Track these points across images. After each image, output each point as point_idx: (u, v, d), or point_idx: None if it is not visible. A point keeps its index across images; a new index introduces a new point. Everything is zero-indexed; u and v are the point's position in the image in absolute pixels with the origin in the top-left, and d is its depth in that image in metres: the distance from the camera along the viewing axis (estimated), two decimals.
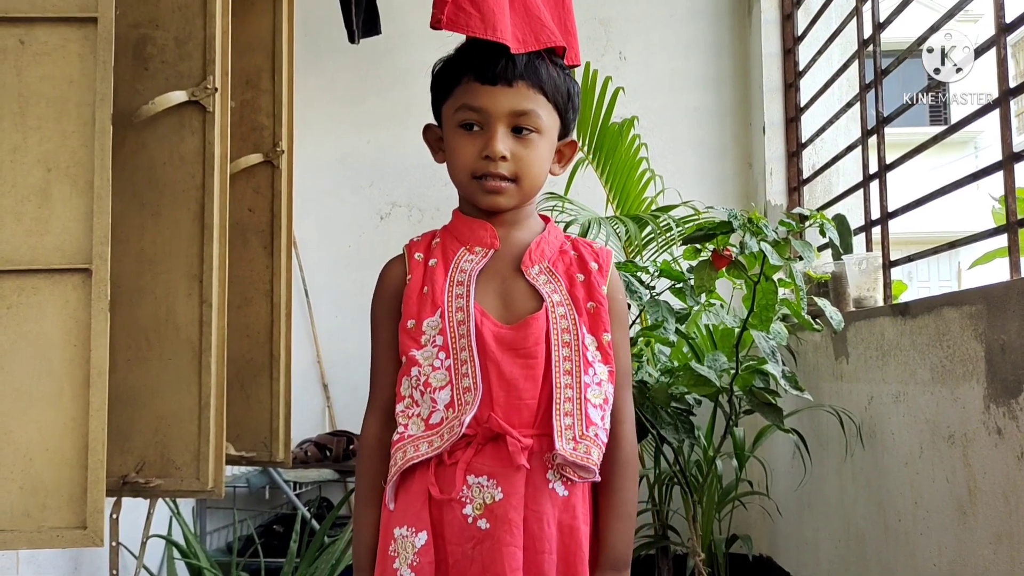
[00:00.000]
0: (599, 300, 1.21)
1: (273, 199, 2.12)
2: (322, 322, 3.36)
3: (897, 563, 1.96)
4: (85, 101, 1.35)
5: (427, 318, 1.18)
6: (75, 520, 1.28)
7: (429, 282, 1.21)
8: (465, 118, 1.17)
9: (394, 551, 1.16)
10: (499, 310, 1.19)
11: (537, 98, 1.17)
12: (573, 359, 1.16)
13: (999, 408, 1.54)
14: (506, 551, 1.11)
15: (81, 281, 1.31)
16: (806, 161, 3.03)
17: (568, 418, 1.14)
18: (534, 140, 1.17)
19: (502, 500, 1.12)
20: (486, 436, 1.14)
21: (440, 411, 1.15)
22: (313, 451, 2.98)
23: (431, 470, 1.15)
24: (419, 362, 1.17)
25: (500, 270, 1.21)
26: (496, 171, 1.16)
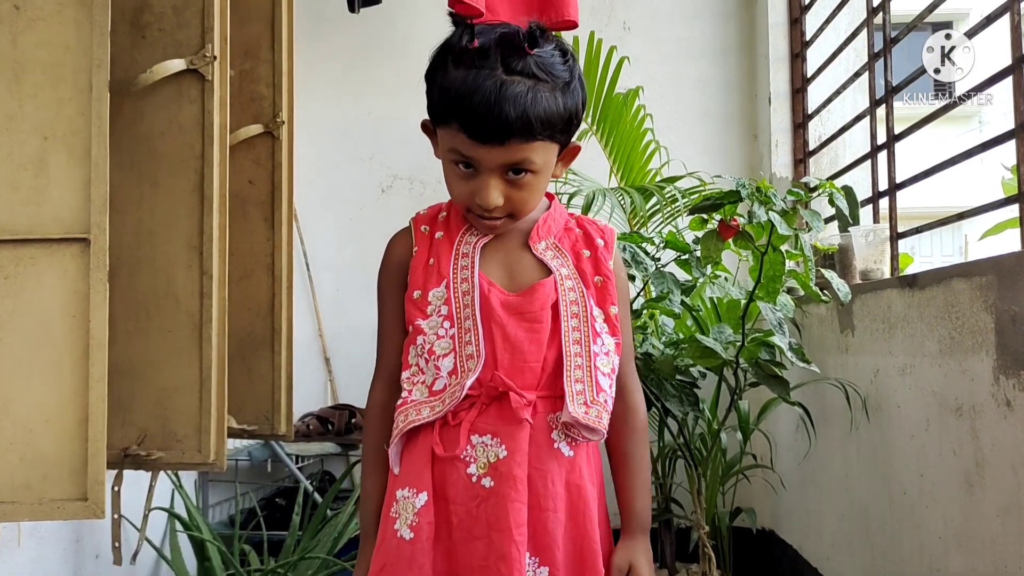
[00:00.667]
0: (606, 274, 1.23)
1: (273, 171, 2.10)
2: (323, 295, 3.35)
3: (902, 536, 1.96)
4: (82, 68, 1.32)
5: (432, 288, 1.20)
6: (76, 492, 1.27)
7: (435, 254, 1.22)
8: (456, 159, 1.16)
9: (395, 512, 1.18)
10: (505, 281, 1.20)
11: (532, 147, 1.13)
12: (582, 329, 1.18)
13: (1008, 380, 1.52)
14: (511, 507, 1.12)
15: (79, 251, 1.29)
16: (812, 132, 3.00)
17: (579, 384, 1.16)
18: (529, 180, 1.16)
19: (506, 457, 1.14)
20: (490, 396, 1.16)
21: (443, 378, 1.17)
22: (315, 425, 2.98)
23: (435, 431, 1.17)
24: (424, 331, 1.18)
25: (506, 245, 1.23)
26: (491, 214, 1.17)
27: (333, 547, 2.43)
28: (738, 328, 1.93)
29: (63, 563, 2.11)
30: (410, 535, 1.15)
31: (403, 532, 1.15)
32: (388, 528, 1.18)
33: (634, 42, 3.26)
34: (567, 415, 1.15)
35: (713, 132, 3.29)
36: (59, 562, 2.09)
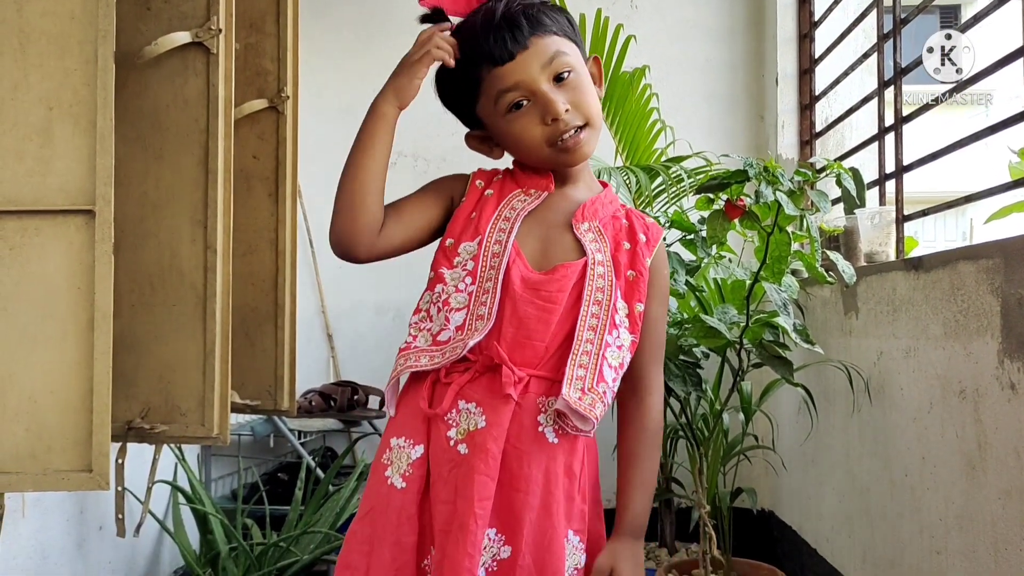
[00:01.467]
0: (640, 271, 1.22)
1: (278, 146, 2.09)
2: (327, 272, 3.35)
3: (902, 518, 1.96)
4: (87, 38, 1.31)
5: (465, 241, 1.21)
6: (80, 463, 1.27)
7: (479, 209, 1.23)
8: (509, 101, 1.18)
9: (387, 459, 1.19)
10: (535, 256, 1.20)
11: (553, 40, 1.18)
12: (600, 317, 1.17)
13: (1013, 363, 1.52)
14: (478, 479, 1.12)
15: (84, 223, 1.29)
16: (819, 114, 2.98)
17: (581, 369, 1.14)
18: (575, 78, 1.19)
19: (483, 429, 1.14)
20: (485, 365, 1.16)
21: (449, 331, 1.17)
22: (318, 401, 2.99)
23: (427, 385, 1.18)
24: (445, 280, 1.19)
25: (549, 220, 1.23)
26: (568, 126, 1.17)
27: (335, 522, 2.44)
28: (742, 308, 1.93)
29: (66, 534, 2.12)
30: (402, 484, 1.16)
31: (395, 480, 1.16)
32: (379, 474, 1.19)
33: (641, 21, 3.24)
34: (560, 399, 1.13)
35: (719, 112, 3.27)
36: (63, 533, 2.10)
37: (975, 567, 1.65)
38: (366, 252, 1.24)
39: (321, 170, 3.32)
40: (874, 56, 2.42)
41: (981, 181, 2.04)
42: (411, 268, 3.35)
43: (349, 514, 2.50)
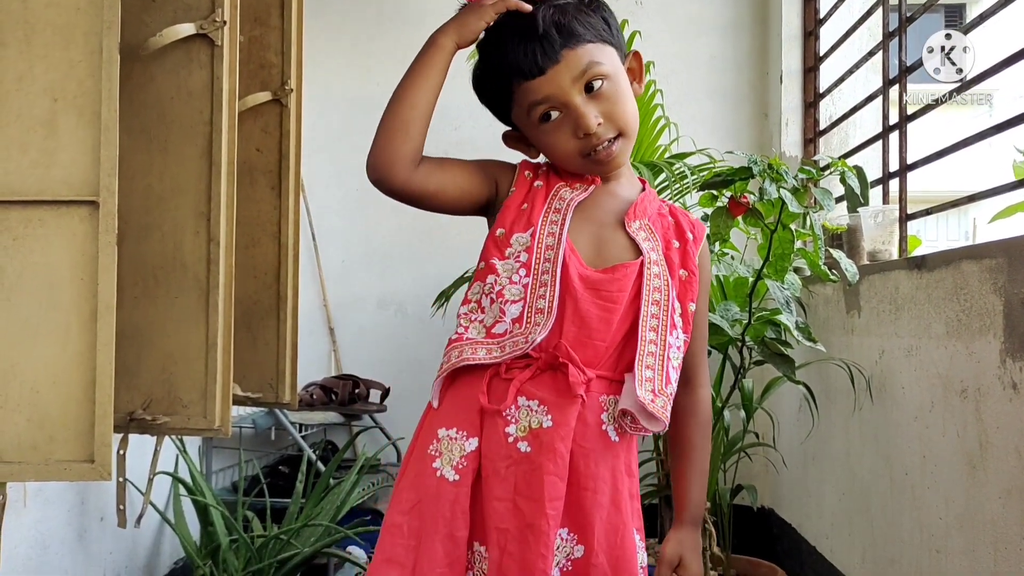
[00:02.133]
0: (692, 270, 1.22)
1: (281, 139, 2.09)
2: (329, 266, 3.35)
3: (902, 516, 1.96)
4: (92, 29, 1.31)
5: (518, 232, 1.18)
6: (83, 453, 1.27)
7: (530, 200, 1.21)
8: (541, 113, 1.17)
9: (435, 451, 1.15)
10: (590, 254, 1.18)
11: (586, 50, 1.16)
12: (660, 318, 1.16)
13: (1015, 363, 1.52)
14: (547, 479, 1.10)
15: (88, 214, 1.29)
16: (823, 112, 2.98)
17: (649, 371, 1.14)
18: (609, 87, 1.17)
19: (550, 428, 1.12)
20: (547, 363, 1.14)
21: (505, 323, 1.15)
22: (319, 394, 2.99)
23: (485, 380, 1.15)
24: (498, 271, 1.17)
25: (599, 217, 1.22)
26: (600, 140, 1.17)
27: (336, 515, 2.44)
28: (745, 306, 1.93)
29: (68, 524, 2.12)
30: (455, 476, 1.13)
31: (446, 472, 1.13)
32: (425, 465, 1.15)
33: (646, 17, 3.23)
34: (631, 399, 1.12)
35: (723, 110, 3.27)
36: (64, 524, 2.11)
37: (975, 566, 1.65)
38: (402, 181, 1.21)
39: (324, 163, 3.34)
40: (879, 54, 2.42)
41: (985, 180, 2.04)
42: (413, 263, 3.37)
43: (349, 507, 2.51)
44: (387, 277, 3.36)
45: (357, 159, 3.74)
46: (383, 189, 1.21)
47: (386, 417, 3.23)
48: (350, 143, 3.43)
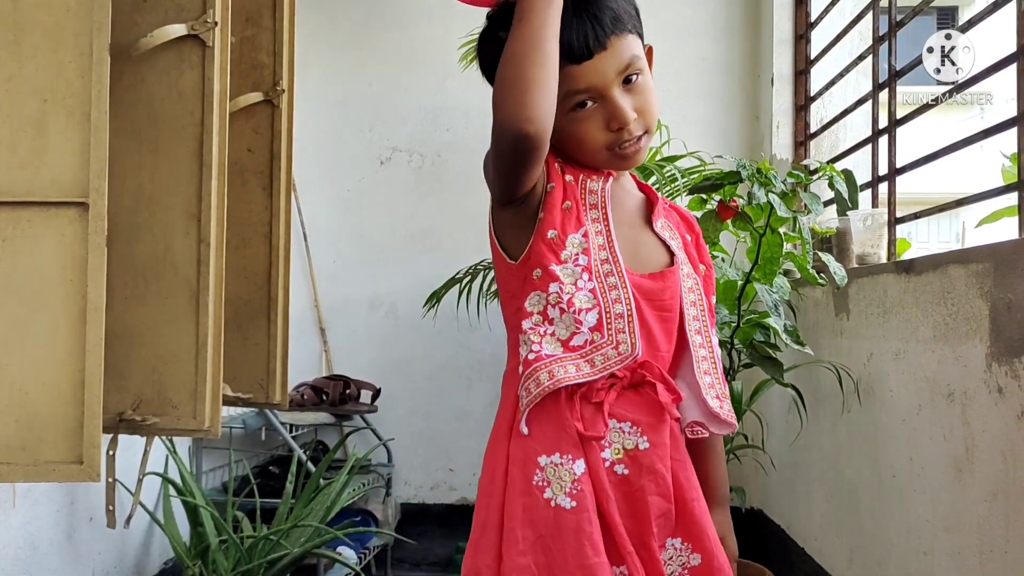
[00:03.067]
0: (708, 263, 1.21)
1: (273, 139, 2.08)
2: (320, 266, 3.35)
3: (890, 518, 1.97)
4: (82, 30, 1.31)
5: (571, 233, 1.11)
6: (71, 454, 1.27)
7: (571, 196, 1.13)
8: (575, 103, 1.12)
9: (542, 480, 1.07)
10: (629, 259, 1.13)
11: (629, 41, 1.12)
12: (701, 319, 1.15)
13: (1001, 367, 1.53)
14: (651, 500, 1.08)
15: (78, 215, 1.29)
16: (814, 115, 2.99)
17: (708, 376, 1.13)
18: (643, 84, 1.13)
19: (648, 450, 1.08)
20: (632, 381, 1.10)
21: (584, 333, 1.08)
22: (310, 394, 2.99)
23: (576, 405, 1.08)
24: (560, 278, 1.08)
25: (627, 219, 1.17)
26: (631, 135, 1.12)
27: (326, 516, 2.45)
28: (734, 309, 1.93)
29: (56, 525, 2.12)
30: (571, 504, 1.06)
31: (560, 500, 1.06)
32: (535, 498, 1.07)
33: None
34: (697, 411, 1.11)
35: (714, 112, 3.28)
36: (53, 524, 2.10)
37: (961, 568, 1.66)
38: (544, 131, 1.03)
39: (315, 164, 3.34)
40: (869, 58, 2.43)
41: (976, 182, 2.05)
42: (405, 264, 3.37)
43: (339, 508, 2.51)
44: (379, 278, 3.37)
45: (349, 159, 3.76)
46: (529, 146, 1.02)
47: (377, 418, 3.24)
48: (342, 143, 3.44)
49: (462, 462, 3.34)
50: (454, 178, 3.36)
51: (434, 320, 3.03)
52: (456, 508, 3.33)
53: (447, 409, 3.35)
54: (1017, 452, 1.48)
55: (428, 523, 3.28)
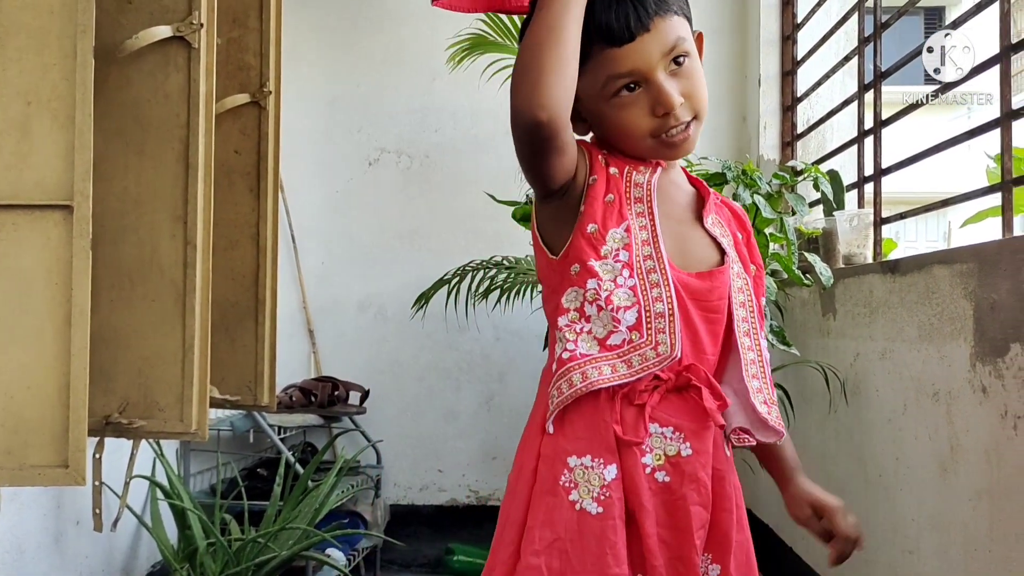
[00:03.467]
0: (758, 264, 1.15)
1: (260, 141, 2.08)
2: (308, 268, 3.34)
3: (877, 517, 1.98)
4: (66, 33, 1.31)
5: (612, 228, 1.06)
6: (57, 458, 1.27)
7: (613, 189, 1.08)
8: (617, 87, 1.06)
9: (568, 481, 1.04)
10: (676, 256, 1.07)
11: (675, 22, 1.06)
12: (749, 320, 1.10)
13: (985, 367, 1.54)
14: (693, 509, 1.03)
15: (62, 218, 1.28)
16: (800, 116, 3.00)
17: (756, 381, 1.08)
18: (691, 67, 1.07)
19: (691, 457, 1.04)
20: (676, 385, 1.05)
21: (622, 332, 1.04)
22: (298, 396, 2.98)
23: (616, 404, 1.04)
24: (599, 275, 1.04)
25: (675, 214, 1.12)
26: (678, 121, 1.06)
27: (314, 518, 2.44)
28: None
29: (43, 529, 2.11)
30: (597, 509, 1.02)
31: (586, 504, 1.02)
32: (560, 499, 1.03)
33: None
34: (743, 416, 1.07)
35: None
36: (39, 528, 2.09)
37: (946, 567, 1.67)
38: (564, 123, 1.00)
39: (303, 165, 3.34)
40: (855, 59, 2.44)
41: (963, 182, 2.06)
42: (394, 265, 3.36)
43: (328, 510, 2.51)
44: (367, 279, 3.36)
45: (337, 161, 3.75)
46: (543, 134, 0.99)
47: (365, 419, 3.23)
48: (330, 144, 3.44)
49: (451, 463, 3.34)
50: (442, 179, 3.36)
51: (423, 321, 3.03)
52: (445, 509, 3.33)
53: (436, 410, 3.35)
54: (1001, 452, 1.49)
55: (417, 524, 3.28)
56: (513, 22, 2.68)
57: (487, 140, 3.33)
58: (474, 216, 3.32)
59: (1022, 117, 1.62)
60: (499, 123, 3.28)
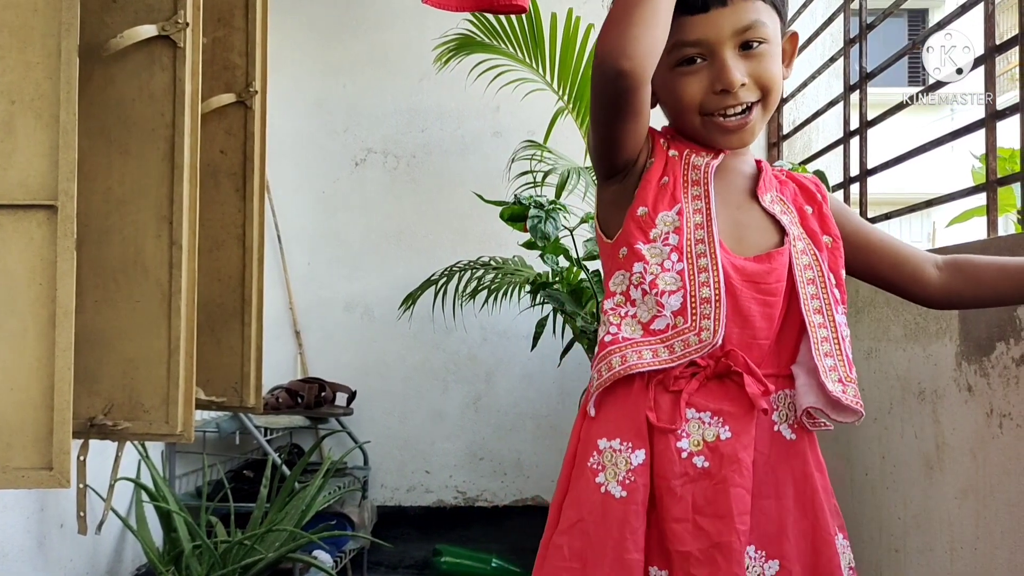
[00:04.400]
0: (835, 235, 1.11)
1: (246, 141, 2.07)
2: (295, 268, 3.33)
3: (862, 516, 1.99)
4: (50, 31, 1.30)
5: (663, 211, 1.04)
6: (40, 460, 1.26)
7: (670, 173, 1.07)
8: (683, 56, 1.05)
9: (597, 463, 1.03)
10: (732, 240, 1.06)
11: (757, 6, 1.04)
12: (821, 297, 1.06)
13: (971, 366, 1.55)
14: (734, 492, 0.99)
15: (46, 218, 1.27)
16: (787, 116, 3.01)
17: (829, 359, 1.03)
18: (765, 52, 1.05)
19: (730, 439, 1.01)
20: (716, 371, 1.02)
21: (666, 317, 1.02)
22: (284, 397, 2.97)
23: (650, 391, 1.03)
24: (645, 258, 1.03)
25: (732, 199, 1.09)
26: (737, 101, 1.04)
27: (300, 520, 2.43)
28: None
29: (26, 532, 2.09)
30: (621, 492, 1.01)
31: (611, 487, 1.01)
32: (587, 480, 1.03)
33: None
34: (814, 396, 1.02)
35: None
36: (23, 531, 2.08)
37: (932, 565, 1.68)
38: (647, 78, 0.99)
39: (289, 166, 3.33)
40: (841, 60, 2.45)
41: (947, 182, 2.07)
42: (380, 266, 3.35)
43: (315, 512, 2.50)
44: (354, 280, 3.35)
45: (323, 161, 3.74)
46: (625, 84, 0.97)
47: (352, 420, 3.22)
48: (316, 145, 3.43)
49: (438, 464, 3.34)
50: (429, 179, 3.36)
51: (410, 322, 3.03)
52: (433, 510, 3.33)
53: (423, 411, 3.34)
54: (987, 450, 1.50)
55: (405, 526, 3.27)
56: (500, 22, 2.68)
57: (474, 140, 3.32)
58: (461, 217, 3.31)
59: (1007, 118, 1.63)
60: (486, 123, 3.30)
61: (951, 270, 1.14)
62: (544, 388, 3.29)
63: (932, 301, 1.18)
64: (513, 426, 3.32)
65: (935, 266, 1.15)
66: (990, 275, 1.13)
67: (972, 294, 1.15)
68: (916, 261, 1.15)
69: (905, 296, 1.18)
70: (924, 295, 1.16)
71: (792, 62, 1.14)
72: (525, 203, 2.31)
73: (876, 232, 1.18)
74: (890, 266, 1.16)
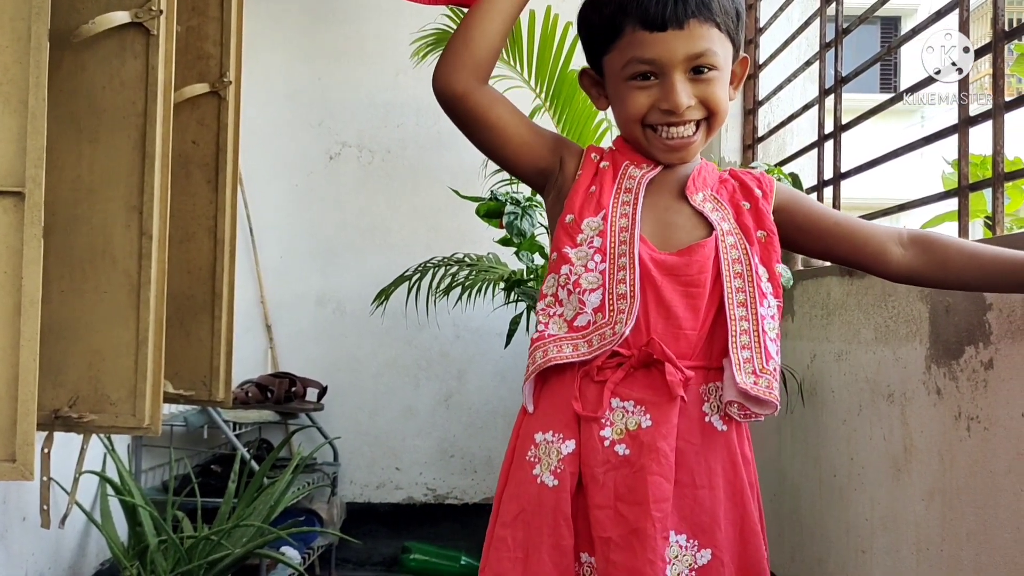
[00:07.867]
0: (769, 229, 1.14)
1: (219, 132, 2.05)
2: (267, 262, 3.30)
3: (830, 517, 2.01)
4: (20, 15, 1.27)
5: (589, 216, 1.11)
6: (3, 452, 1.23)
7: (598, 183, 1.13)
8: (636, 71, 1.09)
9: (533, 456, 1.09)
10: (659, 238, 1.10)
11: (711, 34, 1.08)
12: (747, 290, 1.09)
13: (940, 369, 1.56)
14: (651, 479, 1.03)
15: (13, 205, 1.25)
16: (762, 119, 3.03)
17: (746, 351, 1.06)
18: (714, 77, 1.09)
19: (650, 428, 1.05)
20: (640, 361, 1.07)
21: (587, 314, 1.08)
22: (254, 392, 2.94)
23: (576, 383, 1.08)
24: (571, 260, 1.10)
25: (661, 198, 1.14)
26: (682, 119, 1.09)
27: (269, 516, 2.41)
28: None
29: None
30: (553, 482, 1.06)
31: (545, 478, 1.07)
32: (525, 472, 1.09)
33: None
34: (733, 389, 1.05)
35: None
36: None
37: (898, 566, 1.70)
38: (461, 91, 1.11)
39: (263, 158, 3.29)
40: (816, 64, 2.47)
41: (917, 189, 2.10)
42: (353, 261, 3.33)
43: (283, 507, 2.47)
44: (326, 274, 3.33)
45: (297, 153, 3.71)
46: (443, 100, 1.13)
47: (323, 416, 3.20)
48: (290, 137, 3.40)
49: (408, 461, 3.32)
50: (404, 175, 3.34)
51: (382, 318, 3.01)
52: (402, 507, 3.31)
53: (394, 408, 3.33)
54: (954, 453, 1.52)
55: (373, 523, 3.26)
56: None
57: (450, 136, 3.30)
58: (436, 212, 3.30)
59: (979, 124, 1.64)
60: None
61: (917, 249, 1.17)
62: (516, 386, 3.27)
63: (893, 278, 1.21)
64: (484, 424, 3.31)
65: (899, 243, 1.17)
66: (959, 262, 1.15)
67: (936, 276, 1.18)
68: (877, 242, 1.18)
69: (867, 272, 1.23)
70: (885, 273, 1.20)
71: (740, 84, 1.19)
72: (501, 199, 2.30)
73: (831, 216, 1.22)
74: (849, 249, 1.20)
